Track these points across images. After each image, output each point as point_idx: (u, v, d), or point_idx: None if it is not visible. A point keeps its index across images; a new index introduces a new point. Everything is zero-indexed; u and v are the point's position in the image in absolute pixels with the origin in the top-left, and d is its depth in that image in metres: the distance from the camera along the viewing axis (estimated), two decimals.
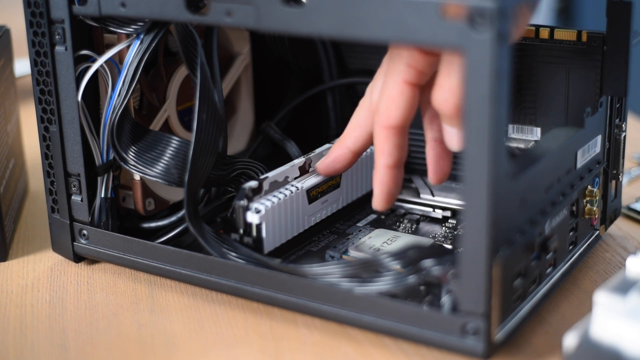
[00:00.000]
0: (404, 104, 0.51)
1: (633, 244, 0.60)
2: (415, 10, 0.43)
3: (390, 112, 0.51)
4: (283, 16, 0.47)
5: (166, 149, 0.57)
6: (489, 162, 0.43)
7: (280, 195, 0.55)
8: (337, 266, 0.50)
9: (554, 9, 1.99)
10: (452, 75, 0.47)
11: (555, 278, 0.53)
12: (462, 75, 0.43)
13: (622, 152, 0.58)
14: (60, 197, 0.58)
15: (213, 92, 0.56)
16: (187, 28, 0.56)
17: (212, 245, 0.54)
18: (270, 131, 0.67)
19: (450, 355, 0.48)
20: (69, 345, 0.51)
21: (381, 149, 0.52)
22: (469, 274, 0.45)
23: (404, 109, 0.51)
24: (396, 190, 0.54)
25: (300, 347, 0.50)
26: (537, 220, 0.49)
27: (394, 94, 0.51)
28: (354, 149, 0.55)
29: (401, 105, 0.51)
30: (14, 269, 0.60)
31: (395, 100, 0.51)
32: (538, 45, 0.59)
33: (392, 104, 0.51)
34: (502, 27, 0.42)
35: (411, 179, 0.65)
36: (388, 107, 0.51)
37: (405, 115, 0.51)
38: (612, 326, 0.41)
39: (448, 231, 0.60)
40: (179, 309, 0.54)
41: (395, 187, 0.53)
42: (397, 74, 0.51)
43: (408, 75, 0.51)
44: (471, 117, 0.43)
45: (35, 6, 0.55)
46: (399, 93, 0.51)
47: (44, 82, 0.57)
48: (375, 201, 0.54)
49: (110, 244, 0.58)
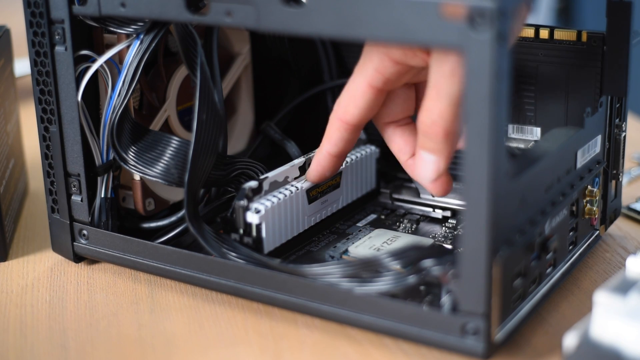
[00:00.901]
0: (362, 105, 0.52)
1: (633, 244, 0.60)
2: (415, 10, 0.43)
3: (348, 108, 0.53)
4: (283, 16, 0.47)
5: (166, 149, 0.57)
6: (489, 162, 0.43)
7: (280, 195, 0.55)
8: (337, 266, 0.50)
9: (554, 9, 1.99)
10: (441, 99, 0.47)
11: (555, 278, 0.53)
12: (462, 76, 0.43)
13: (622, 152, 0.58)
14: (60, 197, 0.58)
15: (213, 92, 0.56)
16: (187, 28, 0.56)
17: (212, 245, 0.54)
18: (270, 131, 0.67)
19: (450, 355, 0.48)
20: (69, 345, 0.51)
21: (329, 137, 0.55)
22: (469, 274, 0.45)
23: (361, 109, 0.52)
24: (330, 174, 0.57)
25: (300, 347, 0.50)
26: (537, 220, 0.49)
27: (356, 93, 0.52)
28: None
29: (360, 105, 0.52)
30: (14, 269, 0.60)
31: (356, 100, 0.52)
32: (538, 45, 0.59)
33: (352, 102, 0.52)
34: (502, 27, 0.42)
35: (411, 179, 0.65)
36: (347, 104, 0.53)
37: (362, 115, 0.53)
38: (612, 326, 0.41)
39: (448, 231, 0.60)
40: (179, 309, 0.54)
41: (329, 172, 0.57)
42: (364, 76, 0.51)
43: (374, 80, 0.51)
44: (471, 117, 0.43)
45: (35, 6, 0.55)
46: (361, 94, 0.52)
47: (44, 82, 0.57)
48: (309, 174, 0.57)
49: (110, 244, 0.58)
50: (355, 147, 0.63)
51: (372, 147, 0.63)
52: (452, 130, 0.48)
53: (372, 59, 0.51)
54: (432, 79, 0.47)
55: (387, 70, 0.51)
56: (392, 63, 0.50)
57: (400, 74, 0.51)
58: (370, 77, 0.51)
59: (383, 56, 0.50)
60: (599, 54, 0.56)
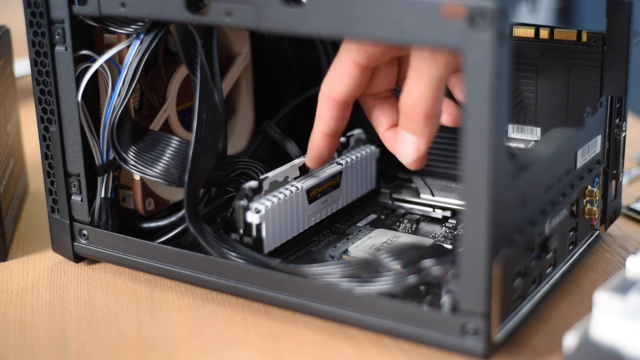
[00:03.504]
0: (348, 82, 0.53)
1: (633, 244, 0.60)
2: (415, 10, 0.43)
3: (335, 86, 0.53)
4: (283, 16, 0.47)
5: (166, 149, 0.57)
6: (489, 162, 0.43)
7: (280, 195, 0.55)
8: (337, 266, 0.50)
9: (554, 9, 1.99)
10: (422, 82, 0.48)
11: (555, 278, 0.53)
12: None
13: (622, 152, 0.58)
14: (60, 197, 0.58)
15: (213, 92, 0.56)
16: (187, 28, 0.56)
17: (212, 245, 0.54)
18: (270, 131, 0.67)
19: (450, 355, 0.48)
20: (69, 345, 0.51)
21: (320, 116, 0.55)
22: (469, 274, 0.45)
23: (347, 86, 0.53)
24: (327, 155, 0.56)
25: (300, 347, 0.50)
26: (537, 220, 0.49)
27: (342, 70, 0.53)
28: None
29: (345, 82, 0.53)
30: (14, 269, 0.60)
31: (341, 76, 0.53)
32: (538, 45, 0.59)
33: (337, 79, 0.53)
34: (502, 27, 0.42)
35: (411, 179, 0.65)
36: (333, 81, 0.53)
37: (348, 92, 0.53)
38: (612, 326, 0.41)
39: (448, 231, 0.60)
40: (179, 309, 0.54)
41: (326, 153, 0.56)
42: (349, 53, 0.52)
43: (358, 57, 0.52)
44: (471, 117, 0.43)
45: (35, 6, 0.55)
46: (346, 71, 0.53)
47: (44, 82, 0.57)
48: (307, 159, 0.57)
49: (110, 244, 0.58)
50: (355, 147, 0.63)
51: (372, 147, 0.63)
52: (433, 112, 0.49)
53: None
54: (414, 62, 0.48)
55: (370, 48, 0.52)
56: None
57: (384, 52, 0.52)
58: (355, 54, 0.52)
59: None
60: (599, 54, 0.56)
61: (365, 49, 0.51)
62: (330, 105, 0.54)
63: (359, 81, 0.53)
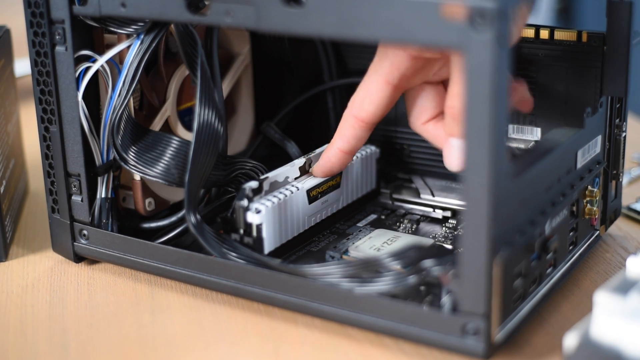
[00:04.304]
0: (378, 102, 0.52)
1: (633, 244, 0.60)
2: (415, 10, 0.43)
3: (364, 105, 0.53)
4: (283, 16, 0.47)
5: (166, 149, 0.57)
6: (489, 162, 0.43)
7: (280, 195, 0.55)
8: (337, 266, 0.50)
9: (554, 9, 1.99)
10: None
11: (556, 278, 0.53)
12: (462, 76, 0.43)
13: (622, 152, 0.58)
14: (61, 197, 0.58)
15: (213, 92, 0.56)
16: (187, 28, 0.56)
17: (212, 245, 0.54)
18: (270, 131, 0.67)
19: (450, 356, 0.48)
20: (69, 345, 0.51)
21: (342, 134, 0.55)
22: (469, 274, 0.45)
23: (377, 106, 0.53)
24: (338, 170, 0.58)
25: (300, 347, 0.50)
26: (537, 221, 0.49)
27: (372, 89, 0.52)
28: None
29: (375, 102, 0.52)
30: (14, 269, 0.60)
31: (372, 96, 0.52)
32: (538, 45, 0.59)
33: (368, 98, 0.53)
34: (502, 27, 0.42)
35: (411, 179, 0.65)
36: (363, 100, 0.53)
37: (377, 112, 0.53)
38: (612, 326, 0.41)
39: (448, 231, 0.61)
40: (179, 309, 0.54)
41: (338, 168, 0.57)
42: (380, 72, 0.52)
43: (390, 77, 0.52)
44: (471, 117, 0.43)
45: (36, 6, 0.55)
46: (377, 90, 0.52)
47: (44, 82, 0.57)
48: (317, 169, 0.58)
49: (111, 244, 0.58)
50: None
51: (372, 147, 0.63)
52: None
53: (387, 55, 0.51)
54: (457, 64, 0.47)
55: (402, 65, 0.51)
56: (407, 57, 0.51)
57: (416, 69, 0.51)
58: (387, 73, 0.52)
59: (398, 51, 0.50)
60: (599, 54, 0.56)
61: (398, 66, 0.51)
62: (357, 124, 0.54)
63: (388, 101, 0.53)
